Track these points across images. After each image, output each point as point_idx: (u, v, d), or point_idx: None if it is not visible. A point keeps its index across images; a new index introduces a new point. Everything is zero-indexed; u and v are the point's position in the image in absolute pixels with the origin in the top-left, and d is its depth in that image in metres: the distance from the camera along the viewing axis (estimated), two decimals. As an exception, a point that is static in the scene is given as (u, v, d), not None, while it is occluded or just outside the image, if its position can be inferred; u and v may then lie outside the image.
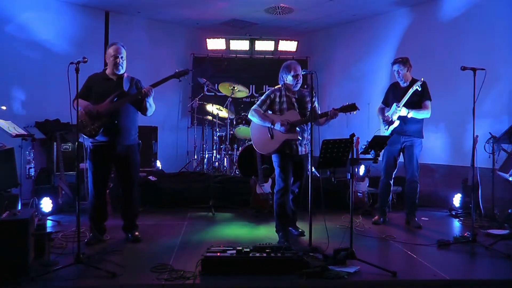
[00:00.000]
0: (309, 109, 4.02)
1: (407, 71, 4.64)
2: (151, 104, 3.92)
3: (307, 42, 8.43)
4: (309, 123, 3.84)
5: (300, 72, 4.05)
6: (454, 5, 6.16)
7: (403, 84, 4.68)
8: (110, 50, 3.84)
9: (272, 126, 3.97)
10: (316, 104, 4.09)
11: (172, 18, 7.77)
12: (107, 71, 3.91)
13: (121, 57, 3.84)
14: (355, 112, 3.84)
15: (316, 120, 3.97)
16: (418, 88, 4.48)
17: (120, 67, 3.85)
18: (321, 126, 4.09)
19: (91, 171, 3.86)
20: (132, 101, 3.87)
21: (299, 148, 4.05)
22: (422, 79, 4.50)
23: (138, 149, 4.06)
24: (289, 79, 4.07)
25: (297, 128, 4.00)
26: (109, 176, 4.05)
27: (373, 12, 7.11)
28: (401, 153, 4.74)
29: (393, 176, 4.82)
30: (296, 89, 4.11)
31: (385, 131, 4.68)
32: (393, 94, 4.76)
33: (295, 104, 4.07)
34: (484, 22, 5.76)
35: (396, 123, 4.59)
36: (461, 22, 6.05)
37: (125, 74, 3.95)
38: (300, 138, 4.02)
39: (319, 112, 4.13)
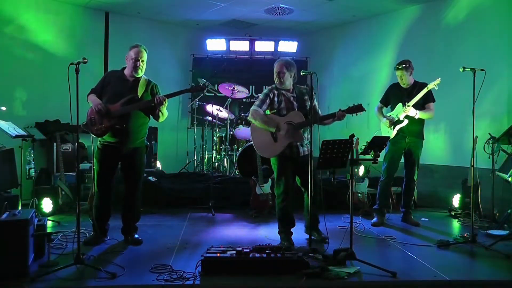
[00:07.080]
0: (308, 108, 3.93)
1: (409, 75, 4.63)
2: (163, 113, 3.90)
3: (307, 42, 8.42)
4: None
5: (281, 69, 3.91)
6: (454, 6, 6.16)
7: (405, 86, 4.68)
8: (131, 53, 3.79)
9: (278, 132, 3.82)
10: (315, 102, 4.02)
11: (172, 19, 7.77)
12: (126, 71, 3.88)
13: (142, 61, 3.81)
14: (361, 113, 3.79)
15: (322, 122, 3.90)
16: (435, 88, 4.44)
17: (140, 71, 3.83)
18: (321, 125, 4.01)
19: (97, 171, 3.84)
20: (143, 107, 3.82)
21: (301, 149, 3.92)
22: (439, 79, 4.42)
23: (145, 151, 4.04)
24: (275, 79, 3.98)
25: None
26: (113, 177, 3.97)
27: (373, 12, 7.11)
28: (403, 153, 4.74)
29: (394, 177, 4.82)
30: (284, 86, 3.95)
31: (390, 131, 4.66)
32: (395, 94, 4.74)
33: (294, 102, 3.94)
34: (484, 22, 5.76)
35: (405, 122, 4.57)
36: (461, 22, 6.05)
37: (144, 77, 3.91)
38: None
39: (319, 111, 4.07)
